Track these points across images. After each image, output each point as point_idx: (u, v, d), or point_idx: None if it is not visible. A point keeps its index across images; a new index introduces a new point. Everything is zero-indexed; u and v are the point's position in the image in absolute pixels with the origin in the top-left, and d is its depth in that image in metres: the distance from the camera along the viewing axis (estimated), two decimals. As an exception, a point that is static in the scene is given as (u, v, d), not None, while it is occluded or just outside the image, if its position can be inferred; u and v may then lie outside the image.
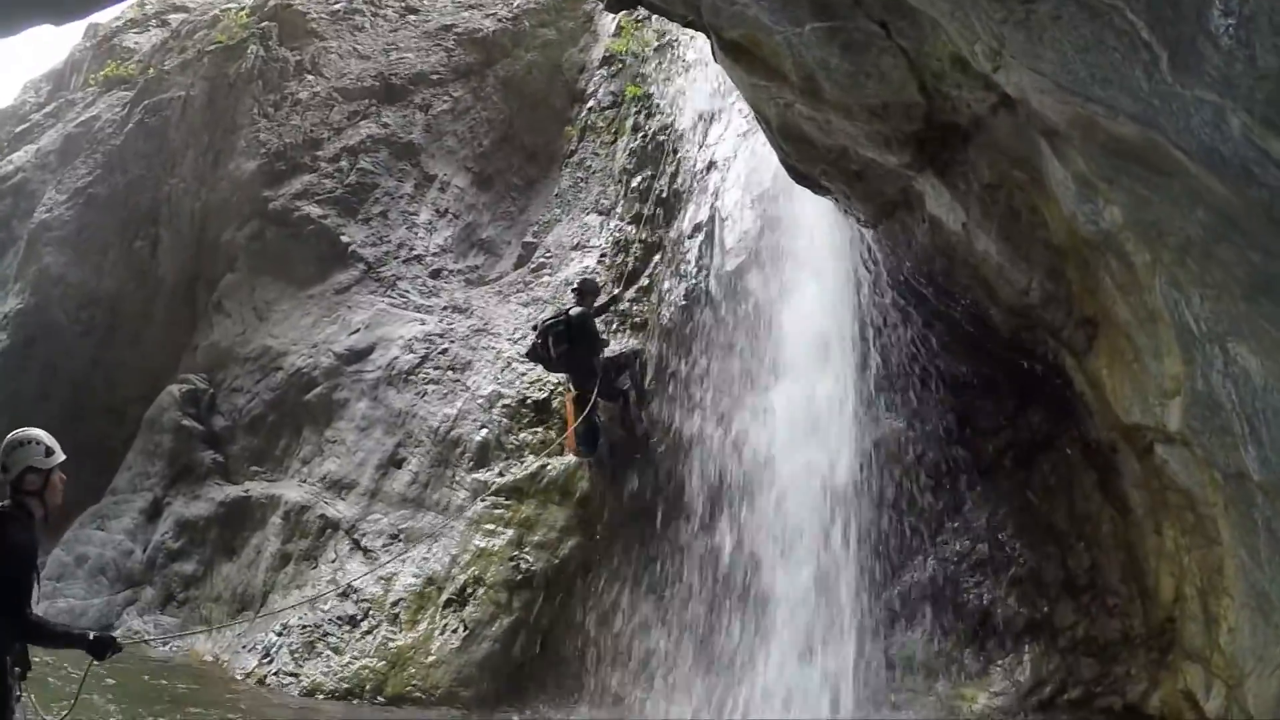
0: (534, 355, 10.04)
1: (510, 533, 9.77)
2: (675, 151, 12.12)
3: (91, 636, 4.99)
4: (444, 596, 9.53)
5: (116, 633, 11.14)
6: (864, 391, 8.73)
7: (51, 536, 12.22)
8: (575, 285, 10.57)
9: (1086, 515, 7.06)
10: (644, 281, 11.41)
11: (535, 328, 10.14)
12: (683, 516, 9.06)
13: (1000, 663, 7.36)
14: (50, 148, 14.86)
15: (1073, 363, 6.24)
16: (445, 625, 9.32)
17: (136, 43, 16.25)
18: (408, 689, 8.99)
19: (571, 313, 9.84)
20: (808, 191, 9.19)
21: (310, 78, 14.53)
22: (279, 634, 9.88)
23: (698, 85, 12.28)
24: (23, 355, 13.35)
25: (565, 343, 9.61)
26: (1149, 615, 6.39)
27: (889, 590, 8.14)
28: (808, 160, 6.40)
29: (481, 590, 9.44)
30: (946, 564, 7.99)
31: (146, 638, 10.96)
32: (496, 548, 9.69)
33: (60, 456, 5.14)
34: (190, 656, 10.55)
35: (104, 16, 17.12)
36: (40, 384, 13.21)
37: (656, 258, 11.48)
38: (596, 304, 10.40)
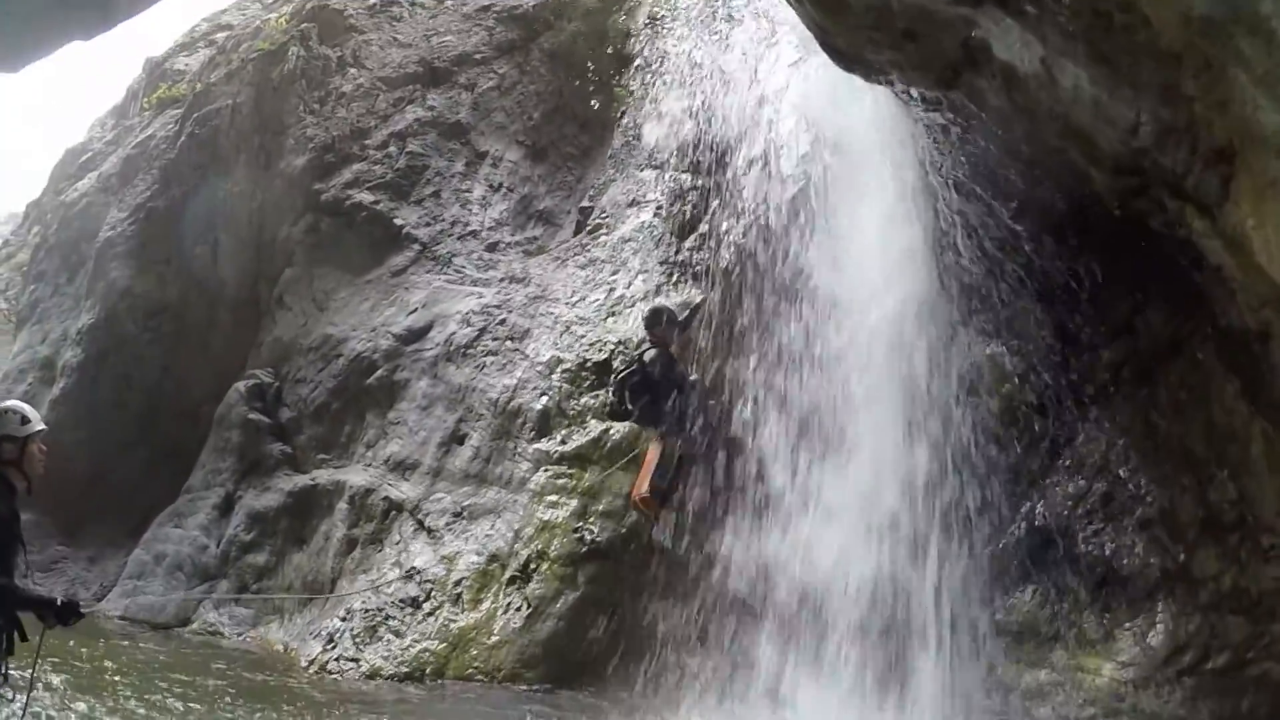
0: (614, 415, 8.85)
1: (574, 503, 9.20)
2: (727, 88, 11.45)
3: (59, 601, 5.02)
4: (507, 574, 9.03)
5: (193, 626, 11.17)
6: (945, 314, 7.77)
7: (133, 538, 12.34)
8: (645, 316, 9.02)
9: (1229, 434, 5.73)
10: (703, 228, 10.77)
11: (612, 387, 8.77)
12: (754, 474, 8.28)
13: (1128, 626, 6.17)
14: (111, 171, 15.14)
15: (1203, 226, 4.89)
16: (509, 604, 8.82)
17: (186, 64, 16.52)
18: (469, 671, 8.52)
19: (646, 356, 8.46)
20: (864, 101, 8.32)
21: (353, 71, 14.35)
22: (343, 619, 9.56)
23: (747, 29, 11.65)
24: (97, 367, 13.54)
25: (645, 393, 8.27)
26: (1319, 559, 5.06)
27: (991, 545, 7.10)
28: (848, 30, 5.55)
29: (545, 565, 8.90)
30: (1058, 509, 6.81)
31: (221, 629, 10.89)
32: (560, 520, 9.14)
33: (37, 426, 5.18)
34: (263, 646, 10.34)
35: (157, 48, 17.55)
36: (115, 394, 13.37)
37: (715, 202, 10.84)
38: (677, 331, 8.84)
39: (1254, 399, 5.47)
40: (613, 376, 8.93)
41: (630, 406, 8.39)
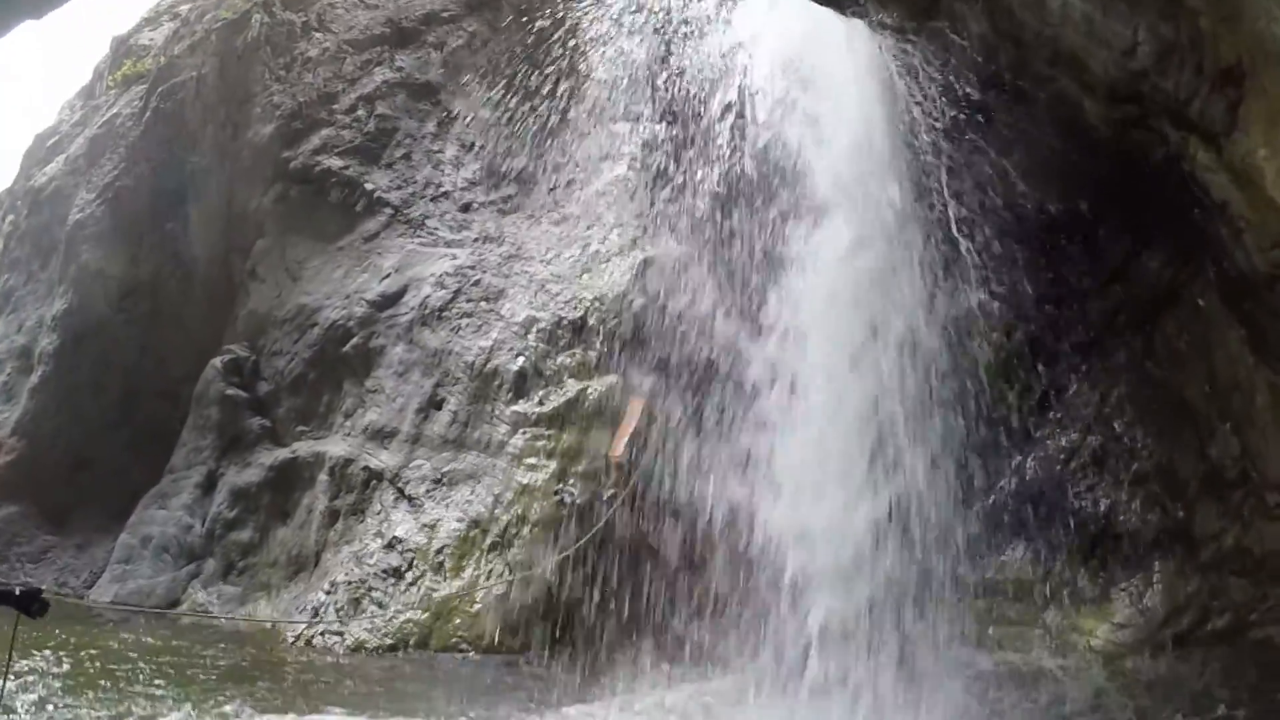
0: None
1: (553, 465, 8.98)
2: (701, 37, 11.11)
3: (17, 592, 4.54)
4: (488, 540, 8.83)
5: (183, 607, 11.02)
6: (929, 260, 7.43)
7: (120, 522, 12.18)
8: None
9: (1233, 386, 5.37)
10: (678, 179, 10.45)
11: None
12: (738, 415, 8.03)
13: (1124, 586, 5.91)
14: (78, 153, 14.79)
15: (1208, 158, 4.52)
16: (490, 570, 8.62)
17: (151, 39, 16.03)
18: (453, 640, 8.34)
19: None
20: (840, 43, 7.94)
21: (318, 35, 13.92)
22: (327, 592, 9.39)
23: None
24: (74, 353, 13.29)
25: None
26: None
27: (981, 500, 6.77)
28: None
29: (526, 529, 8.70)
30: (1050, 463, 6.51)
31: (211, 609, 10.76)
32: (539, 483, 8.93)
33: None
34: (251, 623, 10.20)
35: (122, 24, 17.08)
36: (93, 377, 13.13)
37: (690, 152, 10.52)
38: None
39: (1260, 348, 5.13)
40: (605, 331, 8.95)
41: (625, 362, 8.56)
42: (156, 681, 7.30)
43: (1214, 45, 4.02)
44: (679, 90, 11.20)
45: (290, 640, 9.23)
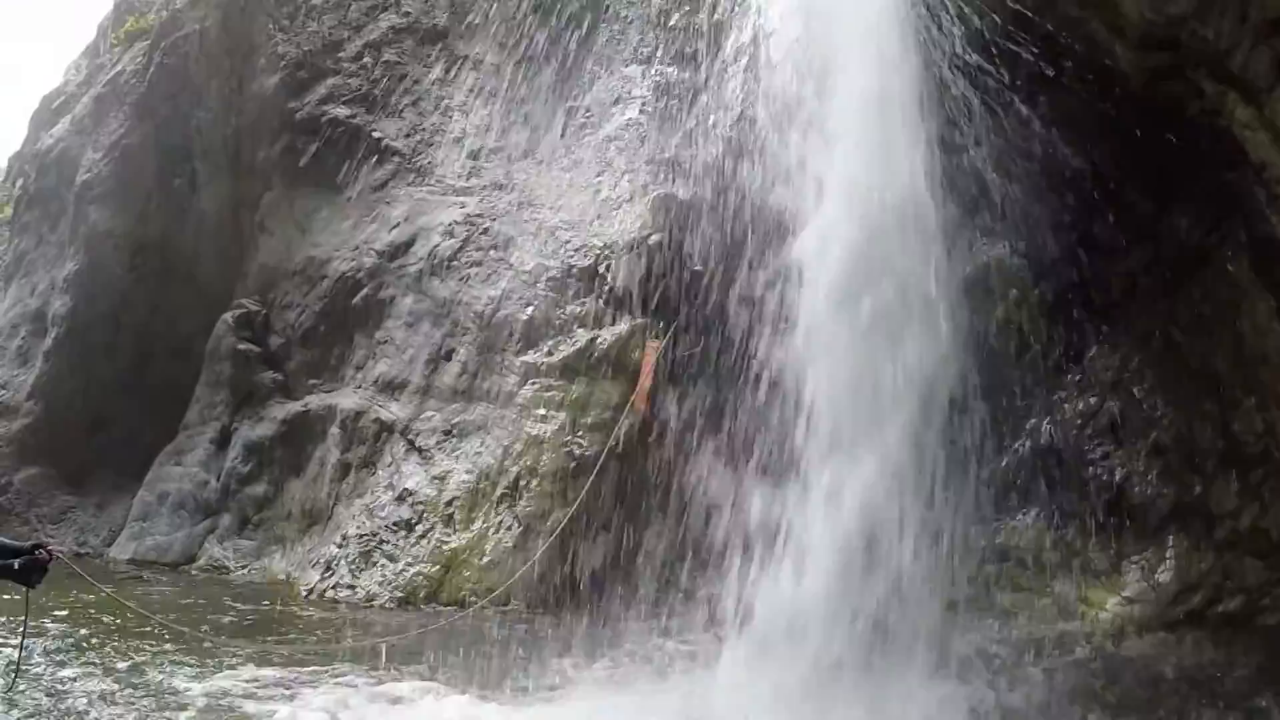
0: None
1: (562, 415, 8.79)
2: (713, -31, 10.62)
3: (15, 566, 4.44)
4: (498, 492, 8.69)
5: (199, 562, 11.03)
6: (951, 213, 7.03)
7: (138, 480, 12.18)
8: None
9: (1260, 358, 5.04)
10: (690, 124, 10.07)
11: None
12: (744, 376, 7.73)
13: (1136, 559, 5.63)
14: (84, 113, 14.58)
15: (1248, 115, 4.18)
16: (500, 523, 8.49)
17: (153, -5, 15.73)
18: (462, 593, 8.23)
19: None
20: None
21: (323, -20, 13.58)
22: (339, 546, 9.32)
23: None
24: (86, 314, 13.21)
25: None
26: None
27: (993, 462, 6.41)
28: None
29: (535, 482, 8.53)
30: (1066, 428, 6.23)
31: (227, 563, 10.76)
32: (548, 434, 8.74)
33: None
34: (266, 576, 10.20)
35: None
36: (106, 338, 13.07)
37: (704, 96, 10.12)
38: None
39: None
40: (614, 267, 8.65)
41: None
42: (166, 636, 7.23)
43: None
44: (694, 30, 10.77)
45: (304, 594, 9.16)
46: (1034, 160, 6.49)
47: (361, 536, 9.19)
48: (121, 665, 6.40)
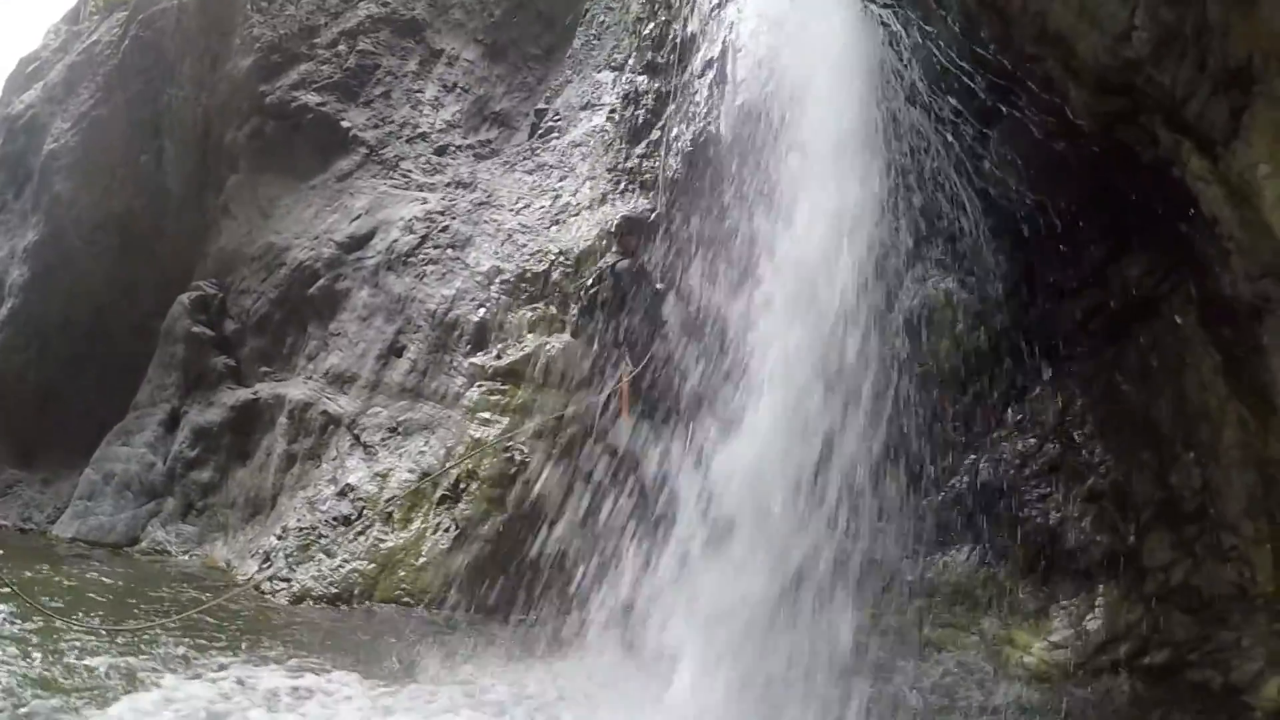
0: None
1: (506, 420, 8.81)
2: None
3: None
4: (438, 493, 8.68)
5: (142, 545, 10.98)
6: (900, 242, 7.08)
7: (86, 458, 12.10)
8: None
9: (1202, 414, 5.03)
10: (654, 135, 10.10)
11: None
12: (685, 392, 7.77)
13: (1065, 603, 5.62)
14: (56, 80, 14.45)
15: (1201, 167, 4.04)
16: (438, 524, 8.49)
17: (134, -38, 15.55)
18: (396, 593, 8.23)
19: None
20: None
21: (303, -36, 13.48)
22: (279, 537, 9.30)
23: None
24: (45, 285, 13.14)
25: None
26: (1283, 571, 4.46)
27: (930, 495, 6.43)
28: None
29: (475, 485, 8.54)
30: (1004, 466, 6.17)
31: (169, 548, 10.72)
32: (491, 438, 8.75)
33: None
34: (207, 563, 10.17)
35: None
36: (63, 311, 13.00)
37: (670, 108, 10.14)
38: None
39: (1234, 379, 4.76)
40: (581, 291, 8.69)
41: (602, 324, 8.30)
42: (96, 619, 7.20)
43: (1222, 39, 3.56)
44: (668, 41, 10.78)
45: (241, 584, 9.15)
46: (987, 196, 6.54)
47: (301, 529, 9.18)
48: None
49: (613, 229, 9.32)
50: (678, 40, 10.55)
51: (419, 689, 6.12)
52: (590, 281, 8.89)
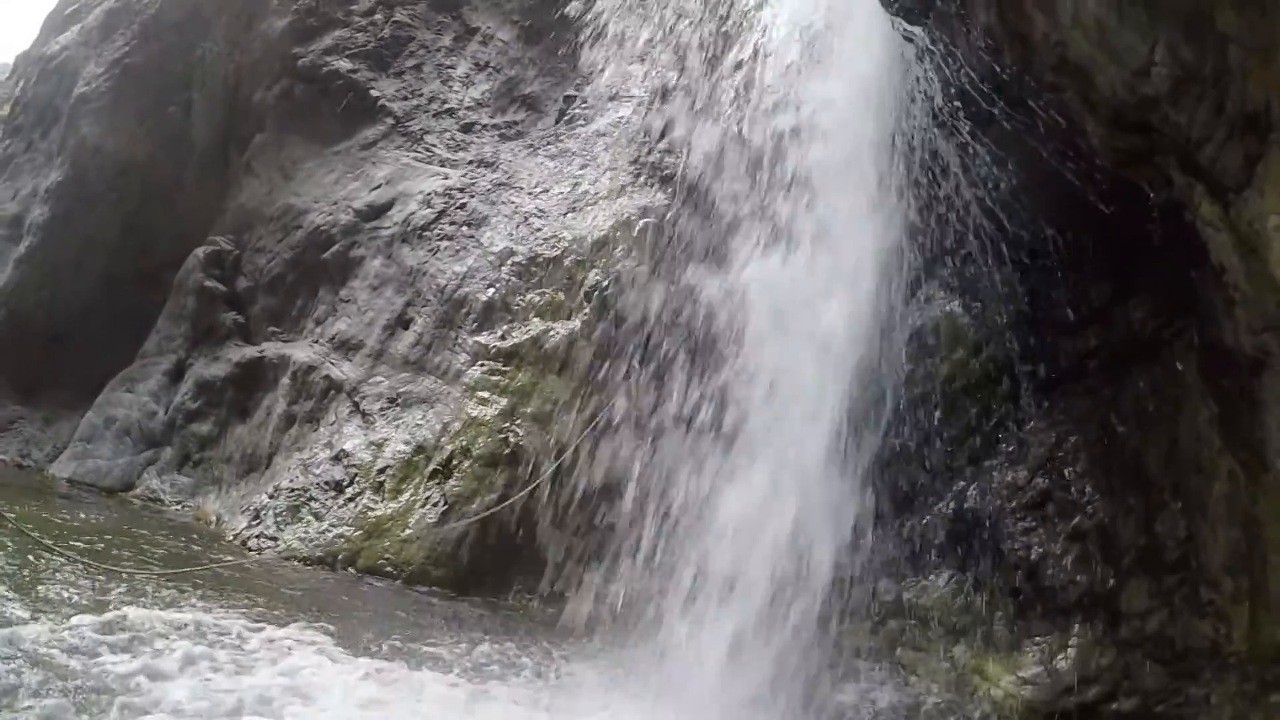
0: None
1: (504, 402, 8.85)
2: (730, -12, 10.64)
3: None
4: (430, 467, 8.74)
5: (137, 491, 11.08)
6: (907, 261, 7.08)
7: (89, 400, 12.20)
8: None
9: (1193, 464, 5.03)
10: (678, 132, 10.10)
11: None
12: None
13: (1038, 640, 5.62)
14: (93, 24, 14.48)
15: (1212, 213, 3.92)
16: (427, 498, 8.54)
17: (180, -90, 15.58)
18: (380, 562, 8.29)
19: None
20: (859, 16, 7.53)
21: (348, -72, 13.51)
22: (270, 496, 9.38)
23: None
24: (62, 227, 13.19)
25: None
26: (1258, 629, 4.59)
27: (916, 516, 6.49)
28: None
29: (467, 463, 8.59)
30: (991, 497, 6.20)
31: (163, 497, 10.81)
32: (488, 418, 8.80)
33: None
34: (198, 515, 10.24)
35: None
36: (77, 254, 13.05)
37: (697, 106, 10.15)
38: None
39: (1229, 433, 4.73)
40: (591, 280, 8.72)
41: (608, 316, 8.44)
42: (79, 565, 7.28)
43: (1241, 82, 3.44)
44: (701, 39, 10.80)
45: (229, 539, 9.23)
46: (997, 222, 6.53)
47: (293, 490, 9.26)
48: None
49: (627, 221, 9.35)
50: (711, 39, 10.58)
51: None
52: (600, 271, 8.92)
